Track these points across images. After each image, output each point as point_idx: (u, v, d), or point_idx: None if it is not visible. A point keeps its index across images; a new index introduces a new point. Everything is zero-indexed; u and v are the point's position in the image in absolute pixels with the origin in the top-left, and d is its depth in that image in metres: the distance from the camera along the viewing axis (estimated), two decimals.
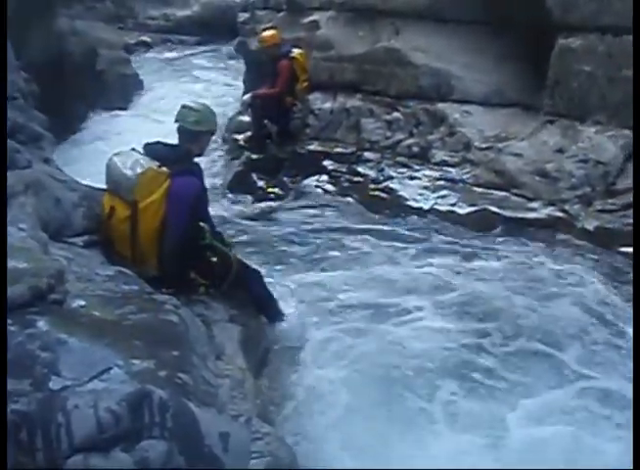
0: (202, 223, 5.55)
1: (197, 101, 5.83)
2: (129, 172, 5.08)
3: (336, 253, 7.90)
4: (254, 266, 6.01)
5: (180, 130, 5.44)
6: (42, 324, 3.31)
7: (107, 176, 5.29)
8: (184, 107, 5.51)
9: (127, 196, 5.10)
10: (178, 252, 5.15)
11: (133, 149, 5.33)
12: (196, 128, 5.40)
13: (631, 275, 7.12)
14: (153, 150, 5.28)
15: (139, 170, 5.06)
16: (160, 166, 5.10)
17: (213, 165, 10.44)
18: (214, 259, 5.47)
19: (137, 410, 2.92)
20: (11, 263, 3.51)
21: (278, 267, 7.38)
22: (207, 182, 9.31)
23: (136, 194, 5.06)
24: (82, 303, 3.70)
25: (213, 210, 5.86)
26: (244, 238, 8.14)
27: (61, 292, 3.66)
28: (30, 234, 4.23)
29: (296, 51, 10.53)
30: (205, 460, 3.04)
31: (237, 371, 4.43)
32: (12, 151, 5.04)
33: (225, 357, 4.51)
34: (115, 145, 11.22)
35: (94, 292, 4.06)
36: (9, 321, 3.19)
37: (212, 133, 5.70)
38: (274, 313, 5.93)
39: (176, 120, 5.47)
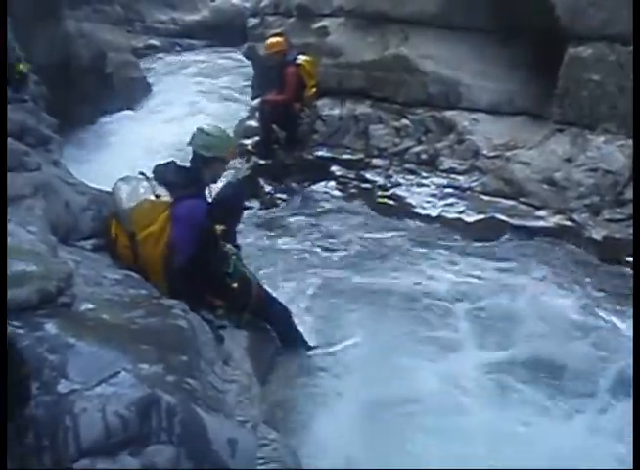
0: (228, 245, 5.55)
1: (213, 125, 5.72)
2: (126, 203, 5.04)
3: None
4: (283, 304, 5.90)
5: (193, 154, 5.38)
6: (50, 327, 3.31)
7: (112, 202, 5.25)
8: (199, 130, 5.45)
9: (126, 226, 5.06)
10: (187, 274, 4.97)
11: (142, 173, 5.26)
12: (206, 154, 5.32)
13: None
14: (162, 173, 5.20)
15: (133, 203, 5.01)
16: (158, 196, 5.02)
17: None
18: (235, 285, 5.35)
19: (145, 415, 2.91)
20: (20, 266, 3.51)
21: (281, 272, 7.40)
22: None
23: (132, 225, 5.01)
24: (90, 306, 3.69)
25: None
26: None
27: (69, 295, 3.65)
28: (40, 237, 4.23)
29: (302, 57, 10.51)
30: (212, 466, 3.03)
31: (244, 377, 4.42)
32: (21, 153, 5.05)
33: (232, 363, 4.50)
34: (122, 150, 11.51)
35: (102, 295, 4.05)
36: (17, 324, 3.18)
37: (224, 160, 5.52)
38: (300, 346, 5.87)
39: (189, 144, 5.41)
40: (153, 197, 5.03)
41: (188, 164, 5.41)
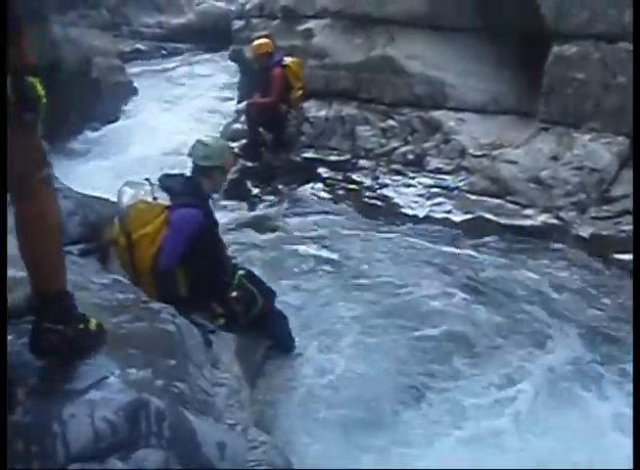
0: (236, 261, 5.80)
1: (210, 135, 5.92)
2: (125, 203, 5.18)
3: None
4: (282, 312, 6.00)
5: (193, 165, 5.45)
6: None
7: (117, 203, 5.38)
8: (197, 141, 5.53)
9: (123, 225, 5.14)
10: (169, 276, 5.11)
11: (147, 179, 5.37)
12: (204, 163, 5.39)
13: (623, 282, 7.16)
14: (166, 182, 5.31)
15: (131, 202, 5.14)
16: (155, 198, 5.14)
17: None
18: (234, 295, 5.45)
19: (134, 419, 2.90)
20: (8, 272, 3.50)
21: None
22: None
23: (129, 225, 5.10)
24: None
25: None
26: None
27: None
28: None
29: (288, 59, 10.53)
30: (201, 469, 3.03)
31: (233, 380, 4.42)
32: None
33: (221, 366, 4.50)
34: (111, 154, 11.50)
35: (90, 300, 4.03)
36: None
37: (223, 169, 5.59)
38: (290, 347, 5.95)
39: (188, 155, 5.50)
40: (150, 199, 5.15)
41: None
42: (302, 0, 11.82)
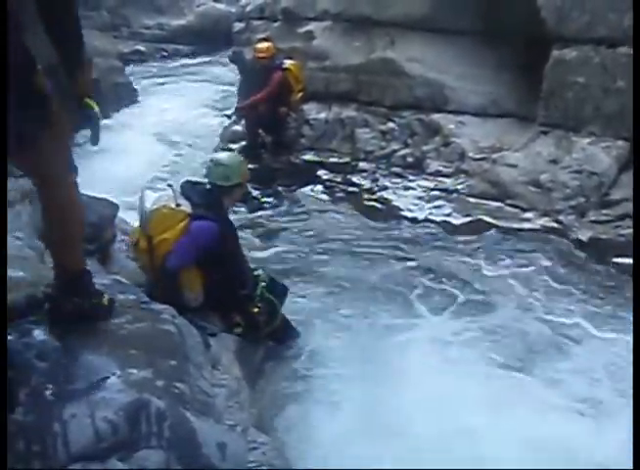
0: (258, 272, 5.78)
1: (225, 152, 5.99)
2: (148, 207, 5.18)
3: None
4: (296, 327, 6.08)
5: (212, 185, 5.44)
6: (39, 333, 3.31)
7: (137, 206, 5.39)
8: (212, 162, 5.55)
9: (145, 229, 5.19)
10: (174, 278, 5.14)
11: (169, 185, 5.41)
12: (225, 184, 5.41)
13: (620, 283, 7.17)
14: (188, 190, 5.33)
15: (155, 206, 5.15)
16: (178, 205, 5.16)
17: None
18: (256, 310, 5.48)
19: (134, 420, 2.91)
20: (8, 272, 3.50)
21: None
22: None
23: (150, 229, 5.14)
24: None
25: None
26: None
27: None
28: (27, 243, 4.24)
29: (289, 62, 10.56)
30: None
31: (233, 381, 4.42)
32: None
33: (221, 367, 4.50)
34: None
35: None
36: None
37: (242, 185, 5.64)
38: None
39: (206, 177, 5.50)
40: (173, 205, 5.17)
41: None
42: (303, 2, 11.82)
